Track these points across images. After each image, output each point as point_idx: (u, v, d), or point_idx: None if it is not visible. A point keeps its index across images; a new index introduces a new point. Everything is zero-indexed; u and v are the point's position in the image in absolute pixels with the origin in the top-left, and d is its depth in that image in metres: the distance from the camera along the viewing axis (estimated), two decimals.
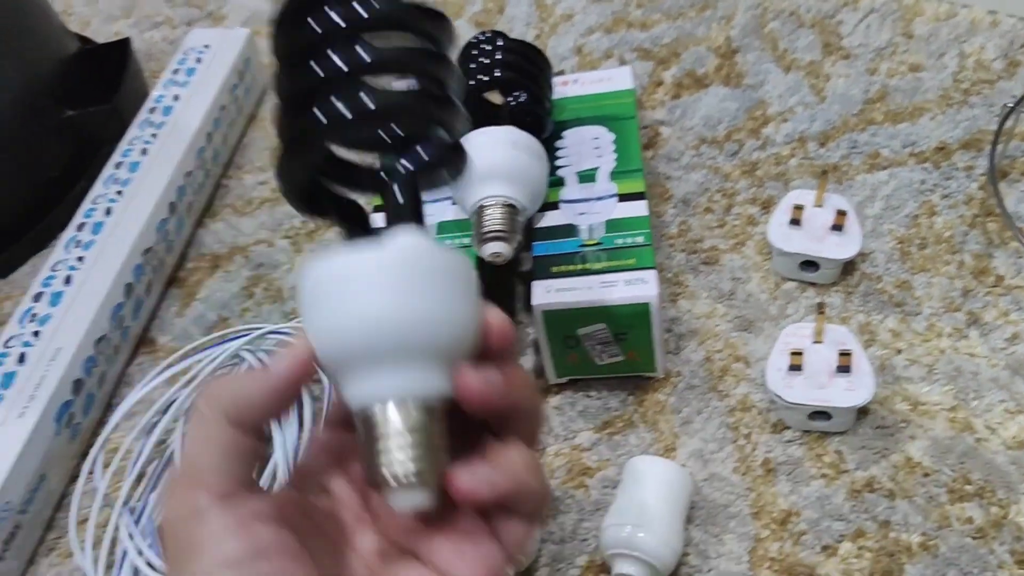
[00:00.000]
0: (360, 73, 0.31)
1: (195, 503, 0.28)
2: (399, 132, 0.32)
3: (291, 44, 0.32)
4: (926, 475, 0.49)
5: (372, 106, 0.31)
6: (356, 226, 0.33)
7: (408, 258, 0.30)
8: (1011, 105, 0.58)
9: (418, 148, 0.33)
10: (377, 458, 0.29)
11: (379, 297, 0.29)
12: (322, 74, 0.31)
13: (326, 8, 0.31)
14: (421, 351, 0.29)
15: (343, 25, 0.31)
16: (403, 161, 0.33)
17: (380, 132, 0.32)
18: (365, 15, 0.31)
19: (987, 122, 0.65)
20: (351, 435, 0.31)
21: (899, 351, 0.54)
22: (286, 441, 0.51)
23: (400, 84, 0.32)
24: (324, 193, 0.34)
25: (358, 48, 0.31)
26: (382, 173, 0.33)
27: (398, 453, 0.29)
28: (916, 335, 0.55)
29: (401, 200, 0.32)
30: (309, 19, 0.31)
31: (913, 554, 0.46)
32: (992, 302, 0.55)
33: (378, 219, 0.33)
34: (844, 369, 0.50)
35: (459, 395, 0.30)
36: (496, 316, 0.31)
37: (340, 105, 0.31)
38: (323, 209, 0.34)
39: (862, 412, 0.52)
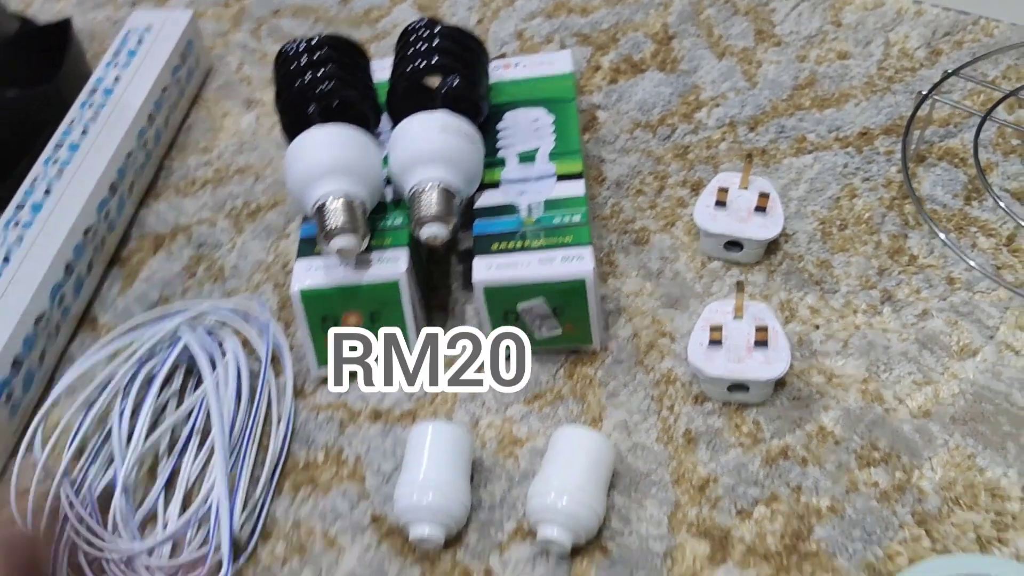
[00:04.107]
0: None
1: None
2: None
3: None
4: (837, 443, 0.51)
5: None
6: None
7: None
8: (924, 92, 0.61)
9: None
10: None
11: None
12: None
13: None
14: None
15: None
16: None
17: None
18: None
19: (908, 109, 0.68)
20: None
21: (817, 327, 0.57)
22: (222, 406, 0.52)
23: None
24: None
25: None
26: None
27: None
28: (833, 311, 0.57)
29: None
30: None
31: (822, 516, 0.49)
32: (905, 280, 0.58)
33: None
34: (762, 344, 0.52)
35: None
36: None
37: None
38: None
39: (779, 384, 0.54)
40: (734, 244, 0.60)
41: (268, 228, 0.68)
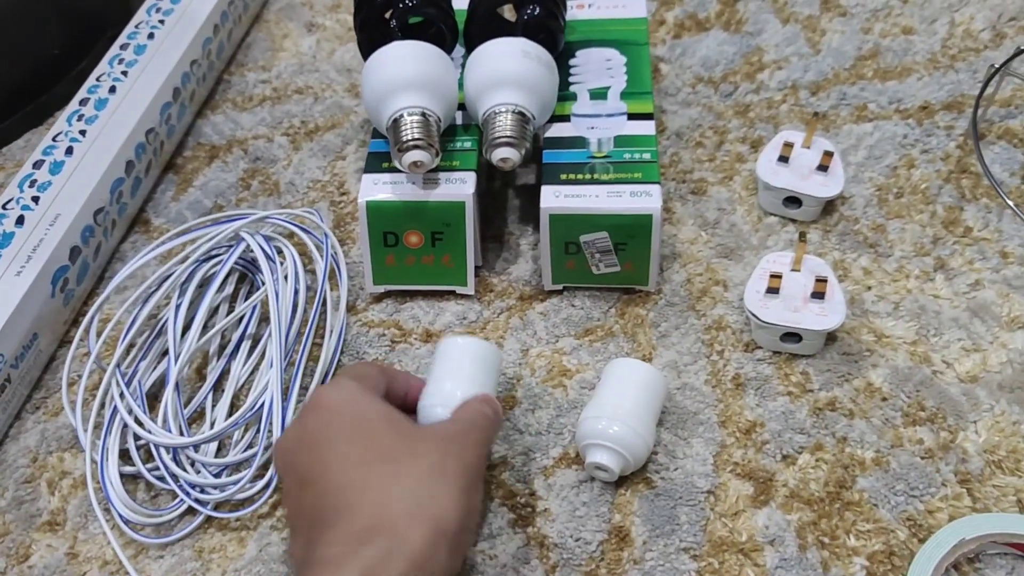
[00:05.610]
0: None
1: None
2: None
3: None
4: (884, 399, 0.52)
5: None
6: None
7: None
8: (996, 66, 0.61)
9: None
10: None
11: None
12: None
13: None
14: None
15: None
16: None
17: None
18: None
19: (970, 87, 0.68)
20: None
21: (869, 288, 0.57)
22: (280, 308, 0.53)
23: None
24: None
25: None
26: None
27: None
28: (886, 274, 0.58)
29: None
30: None
31: (866, 468, 0.49)
32: (959, 251, 0.59)
33: None
34: (819, 296, 0.53)
35: None
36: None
37: None
38: None
39: (830, 339, 0.54)
40: (793, 200, 0.60)
41: (325, 148, 0.68)
